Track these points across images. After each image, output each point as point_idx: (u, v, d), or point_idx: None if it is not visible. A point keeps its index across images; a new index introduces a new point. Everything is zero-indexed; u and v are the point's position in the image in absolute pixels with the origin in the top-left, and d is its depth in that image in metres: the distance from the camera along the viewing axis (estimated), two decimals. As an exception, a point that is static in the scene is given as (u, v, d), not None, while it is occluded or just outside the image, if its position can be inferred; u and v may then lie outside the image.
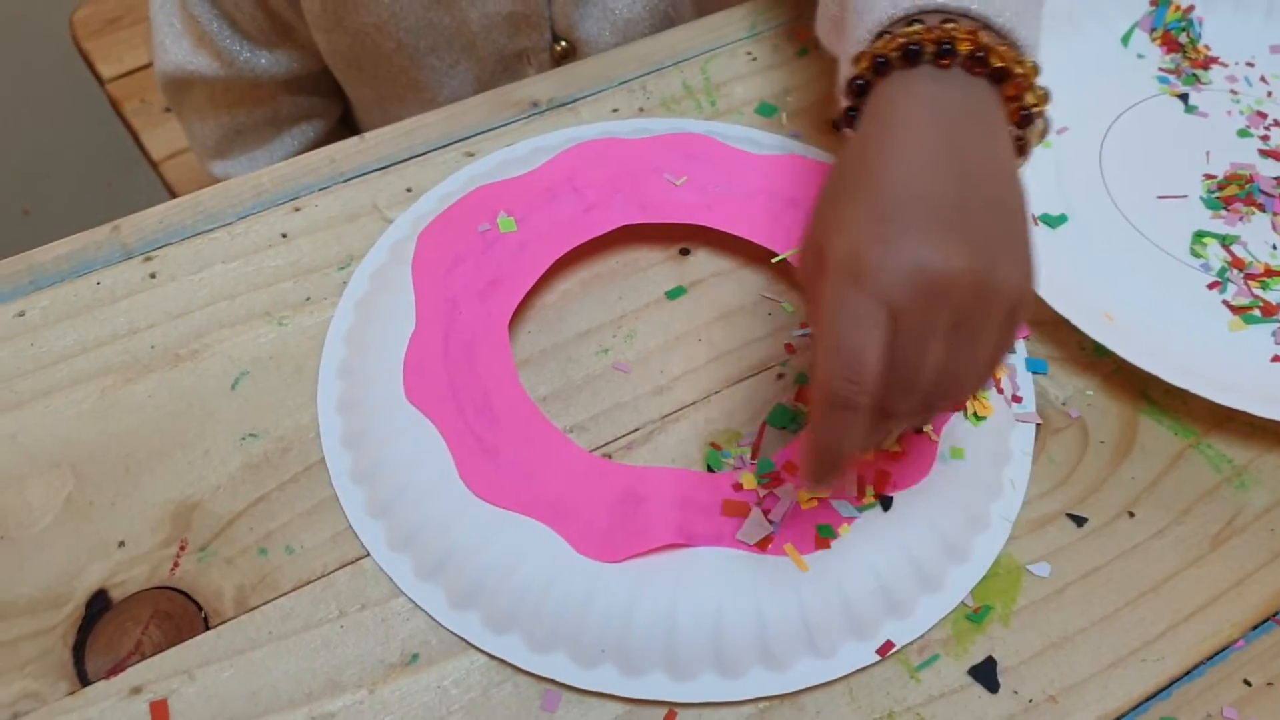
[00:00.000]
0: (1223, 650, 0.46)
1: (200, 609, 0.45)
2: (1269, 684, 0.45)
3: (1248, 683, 0.45)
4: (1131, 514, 0.49)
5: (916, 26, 0.45)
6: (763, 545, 0.45)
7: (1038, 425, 0.51)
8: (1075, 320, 0.52)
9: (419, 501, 0.46)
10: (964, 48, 0.44)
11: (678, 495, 0.46)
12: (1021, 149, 0.47)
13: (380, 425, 0.48)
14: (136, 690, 0.43)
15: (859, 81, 0.46)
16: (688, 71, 0.66)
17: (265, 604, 0.45)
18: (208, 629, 0.44)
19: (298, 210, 0.58)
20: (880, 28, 0.47)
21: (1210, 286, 0.56)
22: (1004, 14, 0.45)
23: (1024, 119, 0.46)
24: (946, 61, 0.44)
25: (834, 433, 0.39)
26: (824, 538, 0.45)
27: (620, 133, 0.60)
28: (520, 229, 0.54)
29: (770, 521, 0.45)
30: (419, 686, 0.43)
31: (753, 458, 0.50)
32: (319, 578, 0.46)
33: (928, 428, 0.48)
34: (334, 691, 0.43)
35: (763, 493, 0.46)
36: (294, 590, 0.46)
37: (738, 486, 0.47)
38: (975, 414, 0.49)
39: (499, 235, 0.54)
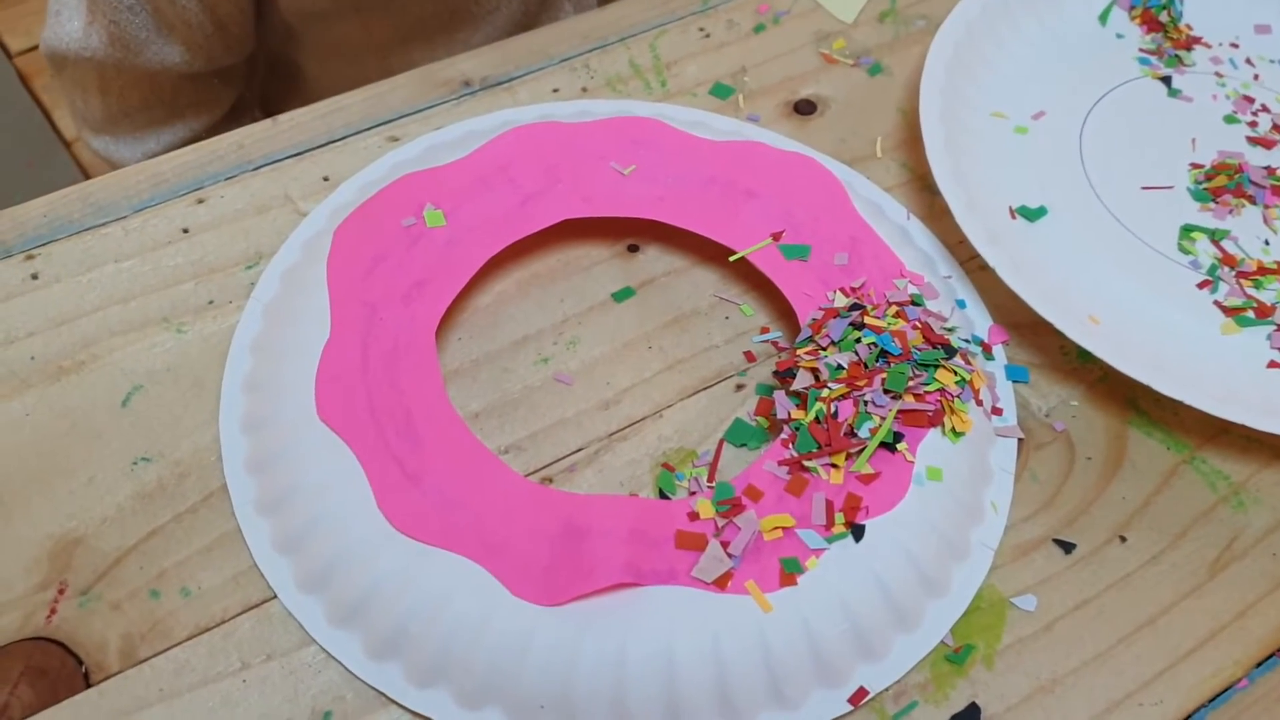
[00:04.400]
0: (1225, 691, 0.42)
1: (80, 663, 0.39)
2: (1275, 728, 0.41)
3: (1253, 727, 0.41)
4: (1123, 538, 0.45)
5: None
6: (721, 583, 0.40)
7: (1020, 440, 0.47)
8: (1058, 323, 0.47)
9: (332, 536, 0.41)
10: None
11: (626, 527, 0.41)
12: None
13: (289, 448, 0.43)
14: (2, 762, 0.37)
15: None
16: (635, 49, 0.60)
17: (156, 656, 0.40)
18: (89, 686, 0.39)
19: (201, 202, 0.52)
20: None
21: (1200, 286, 0.52)
22: None
23: None
24: None
25: None
26: (789, 573, 0.41)
27: (561, 116, 0.55)
28: (449, 223, 0.48)
29: (730, 555, 0.41)
30: (331, 751, 0.38)
31: (710, 480, 0.45)
32: (219, 624, 0.40)
33: (902, 445, 0.43)
34: (234, 757, 0.38)
35: (721, 522, 0.42)
36: (190, 639, 0.40)
37: (693, 515, 0.42)
38: (953, 430, 0.45)
39: (425, 230, 0.48)
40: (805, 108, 0.59)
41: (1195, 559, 0.45)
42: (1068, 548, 0.45)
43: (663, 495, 0.44)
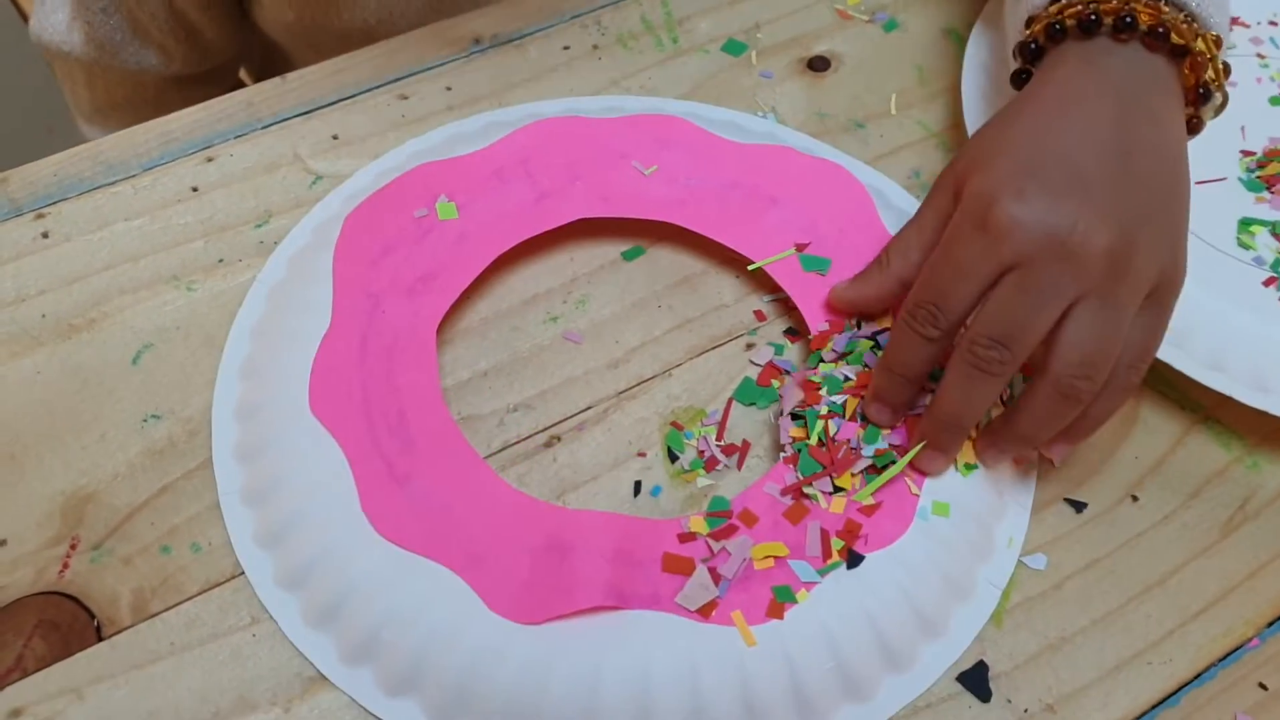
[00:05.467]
0: (1235, 650, 0.42)
1: (92, 617, 0.40)
2: (1286, 687, 0.41)
3: (1263, 686, 0.41)
4: (1135, 498, 0.45)
5: None
6: (705, 611, 0.39)
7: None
8: None
9: (313, 534, 0.40)
10: (1144, 22, 0.43)
11: (611, 545, 0.40)
12: (1195, 126, 0.46)
13: (278, 440, 0.42)
14: (16, 713, 0.37)
15: (1032, 45, 0.46)
16: (647, 4, 0.60)
17: (167, 610, 0.40)
18: (100, 640, 0.39)
19: (210, 160, 0.52)
20: None
21: (1266, 283, 0.49)
22: None
23: (1200, 96, 0.45)
24: (1125, 36, 0.43)
25: (898, 354, 0.41)
26: (780, 602, 0.39)
27: (587, 111, 0.53)
28: (461, 216, 0.48)
29: (718, 580, 0.39)
30: (339, 704, 0.38)
31: (718, 438, 0.45)
32: (229, 579, 0.41)
33: (909, 481, 0.42)
34: (244, 710, 0.38)
35: (715, 545, 0.40)
36: (200, 594, 0.40)
37: (684, 536, 0.40)
38: (965, 464, 0.43)
39: (436, 222, 0.47)
40: (819, 64, 0.58)
41: (1207, 519, 0.44)
42: (1079, 507, 0.44)
43: (671, 454, 0.44)
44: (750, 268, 0.48)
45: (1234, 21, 0.61)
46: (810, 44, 0.59)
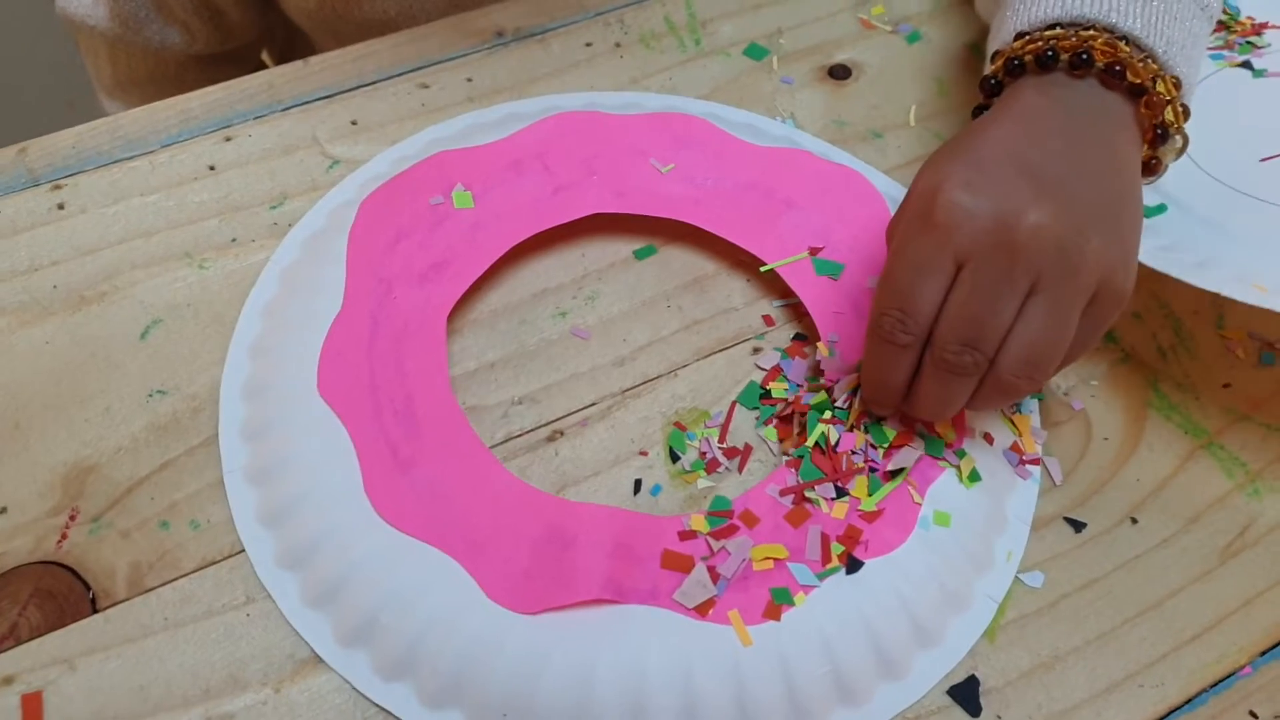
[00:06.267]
0: (1228, 677, 0.41)
1: (88, 589, 0.40)
2: (1277, 717, 0.41)
3: (1254, 715, 0.41)
4: (1134, 520, 0.45)
5: (1057, 31, 0.44)
6: (703, 610, 0.39)
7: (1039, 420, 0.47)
8: (1230, 293, 0.45)
9: (315, 515, 0.40)
10: (1100, 60, 0.43)
11: (612, 539, 0.40)
12: (1155, 167, 0.46)
13: (285, 420, 0.42)
14: (8, 681, 0.38)
15: (992, 80, 0.46)
16: (671, 5, 0.60)
17: (163, 585, 0.40)
18: (95, 612, 0.39)
19: (229, 140, 0.52)
20: (1023, 29, 0.46)
21: None
22: (1151, 31, 0.44)
23: (1159, 136, 0.45)
24: (1081, 72, 0.43)
25: (876, 367, 0.41)
26: (778, 604, 0.39)
27: (607, 106, 0.53)
28: (477, 206, 0.48)
29: (716, 580, 0.39)
30: (330, 687, 0.39)
31: (721, 441, 0.44)
32: (226, 558, 0.41)
33: (912, 489, 0.42)
34: (235, 689, 0.38)
35: (715, 544, 0.40)
36: (196, 571, 0.40)
37: (685, 534, 0.41)
38: (968, 476, 0.43)
39: (452, 211, 0.47)
40: (840, 72, 0.58)
41: (1206, 544, 0.44)
42: (1078, 526, 0.44)
43: (673, 454, 0.44)
44: (762, 269, 0.48)
45: (1264, 26, 0.61)
46: (832, 52, 0.59)
